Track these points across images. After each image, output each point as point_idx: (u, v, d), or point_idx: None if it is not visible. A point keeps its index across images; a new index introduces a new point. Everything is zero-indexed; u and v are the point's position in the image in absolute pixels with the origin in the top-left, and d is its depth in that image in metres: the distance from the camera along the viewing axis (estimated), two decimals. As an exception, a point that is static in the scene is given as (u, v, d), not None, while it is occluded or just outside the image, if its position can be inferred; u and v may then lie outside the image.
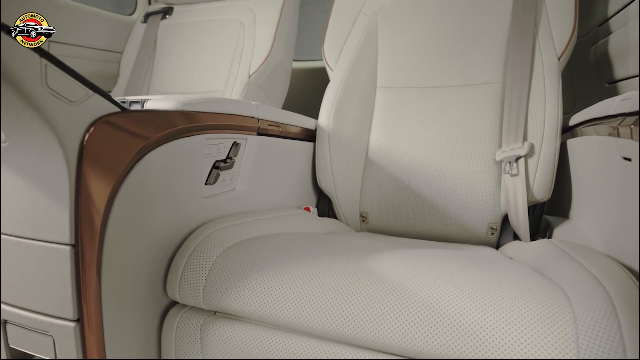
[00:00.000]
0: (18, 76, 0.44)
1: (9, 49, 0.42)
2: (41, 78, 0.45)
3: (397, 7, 1.17)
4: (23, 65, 0.44)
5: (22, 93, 0.45)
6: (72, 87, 0.49)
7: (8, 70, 0.43)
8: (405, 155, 1.06)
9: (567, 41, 0.98)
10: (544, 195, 0.93)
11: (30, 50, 0.44)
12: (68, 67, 0.48)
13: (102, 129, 0.52)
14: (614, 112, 0.60)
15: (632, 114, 0.53)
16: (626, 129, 0.52)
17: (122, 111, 0.55)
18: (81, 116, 0.50)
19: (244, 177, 0.85)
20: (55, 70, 0.46)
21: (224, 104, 0.76)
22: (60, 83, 0.47)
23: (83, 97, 0.50)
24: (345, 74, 1.15)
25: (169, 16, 1.53)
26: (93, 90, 0.51)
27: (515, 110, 0.96)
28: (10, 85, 0.44)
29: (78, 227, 0.52)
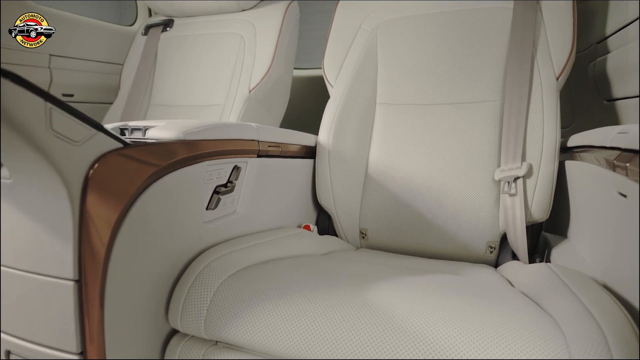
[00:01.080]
0: (23, 122, 0.44)
1: (14, 96, 0.43)
2: (46, 122, 0.46)
3: (396, 23, 1.18)
4: (28, 111, 0.44)
5: (26, 137, 0.45)
6: (76, 127, 0.49)
7: (13, 116, 0.43)
8: (404, 172, 1.07)
9: (565, 61, 0.99)
10: (542, 215, 0.94)
11: (35, 96, 0.45)
12: (72, 108, 0.49)
13: (105, 165, 0.53)
14: (610, 144, 0.61)
15: (627, 151, 0.53)
16: (622, 166, 0.52)
17: (124, 146, 0.56)
18: (84, 155, 0.51)
19: (244, 199, 0.86)
20: (60, 113, 0.47)
21: (226, 130, 0.77)
22: (64, 125, 0.48)
23: (86, 136, 0.51)
24: (345, 91, 1.16)
25: (169, 29, 1.54)
26: (96, 129, 0.52)
27: (514, 130, 0.97)
28: (15, 129, 0.44)
29: (82, 263, 0.53)
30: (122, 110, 1.44)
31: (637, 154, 0.49)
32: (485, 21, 1.09)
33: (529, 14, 1.05)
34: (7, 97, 0.43)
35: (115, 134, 0.55)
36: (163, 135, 0.68)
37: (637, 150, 0.49)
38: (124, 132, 0.74)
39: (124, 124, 0.75)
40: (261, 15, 1.41)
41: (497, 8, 1.10)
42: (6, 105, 0.43)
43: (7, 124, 0.44)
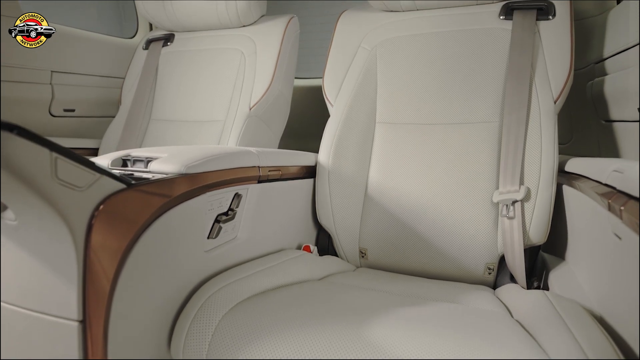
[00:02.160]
0: (29, 173, 0.45)
1: (20, 148, 0.44)
2: (51, 171, 0.47)
3: (396, 42, 1.19)
4: (34, 163, 0.45)
5: (32, 186, 0.46)
6: (80, 174, 0.50)
7: (19, 167, 0.44)
8: (403, 192, 1.08)
9: (562, 85, 1.00)
10: (540, 239, 0.95)
11: (41, 147, 0.46)
12: (77, 155, 0.50)
13: (108, 208, 0.54)
14: (606, 181, 0.62)
15: (622, 193, 0.54)
16: (617, 208, 0.53)
17: (127, 187, 0.57)
18: (88, 200, 0.52)
19: (245, 225, 0.87)
20: (65, 162, 0.48)
21: (227, 160, 0.78)
22: (69, 172, 0.49)
23: (91, 181, 0.52)
24: (345, 110, 1.17)
25: (170, 43, 1.55)
26: (100, 173, 0.53)
27: (512, 154, 0.97)
28: (21, 180, 0.45)
29: (86, 304, 0.54)
30: (122, 125, 1.45)
31: (633, 199, 0.50)
32: (485, 42, 1.10)
33: (527, 35, 1.06)
34: (13, 150, 0.44)
35: (118, 175, 0.56)
36: (165, 168, 0.69)
37: (633, 195, 0.50)
38: (126, 163, 0.75)
39: (127, 153, 0.76)
40: (261, 31, 1.42)
41: (496, 29, 1.10)
42: (12, 157, 0.44)
43: (12, 175, 0.45)
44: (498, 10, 1.13)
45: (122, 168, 0.73)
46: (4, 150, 0.43)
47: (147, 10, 1.51)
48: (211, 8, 1.42)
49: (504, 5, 1.13)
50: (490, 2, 1.15)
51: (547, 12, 1.08)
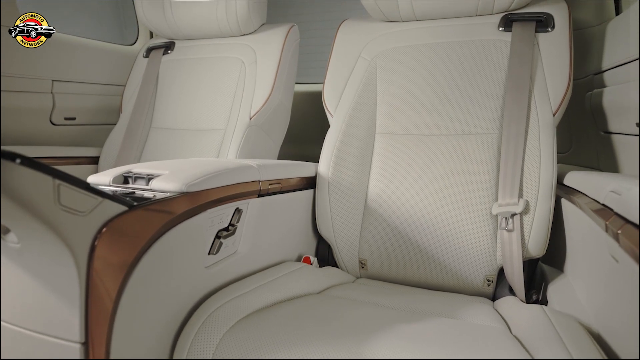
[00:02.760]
0: (32, 201, 0.46)
1: (24, 177, 0.44)
2: (54, 198, 0.47)
3: (396, 53, 1.19)
4: (38, 190, 0.46)
5: (35, 213, 0.47)
6: (83, 199, 0.51)
7: (23, 196, 0.45)
8: (403, 203, 1.08)
9: (561, 98, 1.01)
10: (539, 252, 0.95)
11: (44, 175, 0.46)
12: (79, 180, 0.50)
13: (110, 230, 0.55)
14: (603, 201, 0.63)
15: (619, 215, 0.55)
16: (614, 231, 0.54)
17: (129, 209, 0.57)
18: (91, 224, 0.52)
19: (245, 239, 0.87)
20: (67, 188, 0.48)
21: (228, 176, 0.78)
22: (72, 198, 0.49)
23: (93, 205, 0.52)
24: (345, 120, 1.17)
25: (170, 51, 1.55)
26: (102, 197, 0.53)
27: (511, 166, 0.98)
28: (24, 207, 0.46)
29: (88, 326, 0.54)
30: (123, 134, 1.45)
31: (630, 223, 0.50)
32: (484, 53, 1.10)
33: (526, 47, 1.06)
34: (17, 179, 0.44)
35: (119, 197, 0.56)
36: (166, 186, 0.69)
37: (630, 220, 0.50)
38: (127, 180, 0.75)
39: (128, 170, 0.76)
40: (262, 40, 1.42)
41: (495, 41, 1.11)
42: (15, 186, 0.44)
43: (15, 202, 0.46)
44: (497, 22, 1.13)
45: (123, 185, 0.73)
46: (7, 179, 0.43)
47: (148, 18, 1.52)
48: (211, 16, 1.43)
49: (503, 17, 1.13)
50: (490, 14, 1.16)
51: (546, 24, 1.08)
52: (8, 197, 0.45)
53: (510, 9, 1.14)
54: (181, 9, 1.45)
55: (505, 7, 1.13)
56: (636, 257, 0.45)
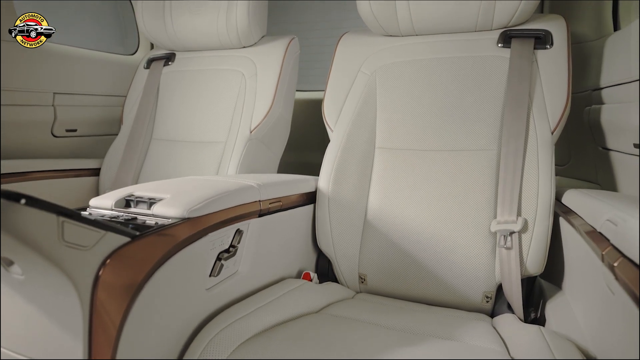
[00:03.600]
0: (37, 239, 0.47)
1: (28, 217, 0.45)
2: (58, 235, 0.48)
3: (396, 68, 1.20)
4: (42, 229, 0.47)
5: (38, 250, 0.48)
6: (86, 233, 0.51)
7: (27, 235, 0.46)
8: (402, 218, 1.09)
9: (560, 115, 1.01)
10: (537, 269, 0.96)
11: (48, 213, 0.47)
12: (83, 216, 0.51)
13: (114, 262, 0.55)
14: (600, 230, 0.63)
15: (615, 248, 0.56)
16: (610, 264, 0.54)
17: (132, 240, 0.58)
18: (94, 257, 0.53)
19: (246, 259, 0.88)
20: (71, 224, 0.49)
21: (229, 198, 0.79)
22: (75, 234, 0.50)
23: (96, 239, 0.53)
24: (345, 135, 1.18)
25: (171, 63, 1.56)
26: (105, 229, 0.54)
27: (510, 184, 0.99)
28: (28, 245, 0.47)
29: (91, 355, 0.55)
30: (124, 145, 1.46)
31: (626, 258, 0.51)
32: (483, 69, 1.11)
33: (525, 64, 1.07)
34: (21, 218, 0.45)
35: (122, 229, 0.57)
36: (168, 212, 0.70)
37: (627, 256, 0.51)
38: (129, 204, 0.76)
39: (130, 193, 0.77)
40: (262, 52, 1.43)
41: (494, 57, 1.12)
42: (19, 226, 0.45)
43: (20, 240, 0.46)
44: (496, 38, 1.14)
45: (125, 210, 0.74)
46: (11, 219, 0.44)
47: (148, 30, 1.52)
48: (212, 29, 1.43)
49: (502, 33, 1.14)
50: (489, 29, 1.16)
51: (544, 41, 1.09)
52: (12, 236, 0.46)
53: (509, 25, 1.14)
54: (181, 21, 1.46)
55: (504, 23, 1.13)
56: (635, 297, 0.46)
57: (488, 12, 1.12)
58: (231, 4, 1.39)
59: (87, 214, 0.71)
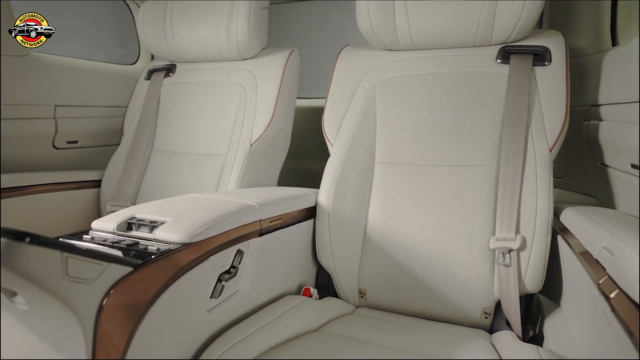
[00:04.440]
0: (40, 275, 0.47)
1: (32, 255, 0.46)
2: (62, 271, 0.49)
3: (395, 82, 1.21)
4: (46, 266, 0.47)
5: (42, 285, 0.48)
6: (89, 267, 0.52)
7: (31, 273, 0.46)
8: (402, 234, 1.10)
9: (558, 133, 1.02)
10: (535, 287, 0.97)
11: (52, 250, 0.47)
12: (86, 249, 0.52)
13: (117, 292, 0.56)
14: (596, 257, 0.64)
15: (611, 278, 0.56)
16: (606, 293, 0.55)
17: (134, 269, 0.59)
18: (97, 289, 0.54)
19: (246, 278, 0.89)
20: (75, 259, 0.50)
21: (230, 221, 0.80)
22: (79, 268, 0.51)
23: (100, 271, 0.54)
24: (345, 150, 1.18)
25: (172, 74, 1.56)
26: (108, 261, 0.55)
27: (509, 201, 0.99)
28: (33, 282, 0.47)
29: (94, 385, 0.56)
30: (125, 157, 1.47)
31: (622, 291, 0.52)
32: (482, 85, 1.12)
33: (523, 81, 1.07)
34: (26, 257, 0.46)
35: (125, 259, 0.58)
36: (169, 237, 0.71)
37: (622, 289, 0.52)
38: (131, 226, 0.77)
39: (132, 215, 0.78)
40: (262, 65, 1.43)
41: (493, 73, 1.12)
42: (24, 264, 0.46)
43: (24, 276, 0.47)
44: (495, 53, 1.14)
45: (127, 233, 0.75)
46: (16, 258, 0.45)
47: (149, 42, 1.53)
48: (212, 41, 1.44)
49: (501, 49, 1.15)
50: (488, 45, 1.17)
51: (543, 58, 1.10)
52: (16, 273, 0.46)
53: (508, 41, 1.15)
54: (182, 33, 1.47)
55: (503, 39, 1.14)
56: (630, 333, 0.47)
57: (487, 28, 1.13)
58: (231, 17, 1.40)
59: (90, 238, 0.72)
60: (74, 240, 0.70)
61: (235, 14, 1.40)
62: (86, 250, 0.52)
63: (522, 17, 1.09)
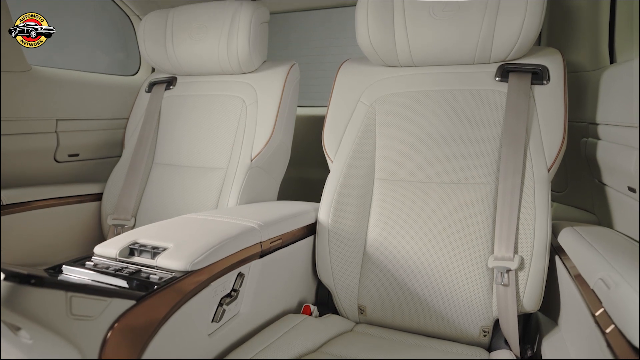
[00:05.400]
0: (44, 315, 0.48)
1: (37, 297, 0.47)
2: (66, 310, 0.50)
3: (395, 99, 1.21)
4: (50, 306, 0.48)
5: (47, 326, 0.49)
6: (93, 304, 0.53)
7: (36, 315, 0.47)
8: (401, 250, 1.11)
9: (556, 153, 1.03)
10: (533, 307, 0.98)
11: (57, 290, 0.48)
12: (90, 286, 0.52)
13: (120, 326, 0.57)
14: (592, 287, 0.65)
15: (607, 312, 0.57)
16: (602, 327, 0.56)
17: (137, 302, 0.59)
18: (101, 325, 0.55)
19: (247, 300, 0.89)
20: (79, 297, 0.51)
21: (230, 245, 0.80)
22: (83, 306, 0.51)
23: (103, 307, 0.54)
24: (345, 166, 1.19)
25: (172, 87, 1.57)
26: (111, 296, 0.56)
27: (507, 221, 1.00)
28: (37, 322, 0.48)
29: (98, 418, 0.56)
30: (126, 170, 1.47)
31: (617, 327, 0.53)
32: (481, 103, 1.12)
33: (522, 100, 1.08)
34: (30, 299, 0.46)
35: (127, 292, 0.59)
36: (171, 265, 0.71)
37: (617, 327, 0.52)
38: (133, 252, 0.78)
39: (134, 241, 0.79)
40: (263, 79, 1.44)
41: (492, 91, 1.13)
42: (29, 304, 0.46)
43: (29, 317, 0.48)
44: (494, 71, 1.15)
45: (129, 260, 0.75)
46: (20, 300, 0.46)
47: (150, 55, 1.54)
48: (212, 55, 1.45)
49: (499, 67, 1.15)
50: (487, 62, 1.18)
51: (541, 76, 1.10)
52: (21, 314, 0.47)
53: (506, 60, 1.16)
54: (183, 47, 1.47)
55: (502, 57, 1.15)
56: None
57: (486, 47, 1.13)
58: (232, 31, 1.40)
59: (92, 265, 0.73)
60: (77, 267, 0.71)
61: (235, 28, 1.40)
62: (90, 287, 0.53)
63: (520, 36, 1.09)
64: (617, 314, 0.54)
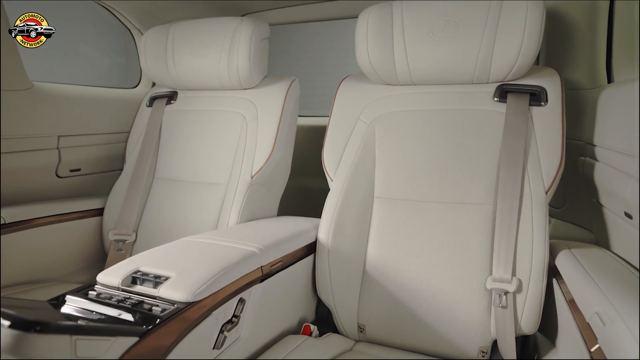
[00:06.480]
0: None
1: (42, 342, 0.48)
2: (72, 353, 0.51)
3: (395, 117, 1.22)
4: (55, 351, 0.49)
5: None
6: (97, 345, 0.54)
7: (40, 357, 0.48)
8: (401, 269, 1.12)
9: (554, 176, 1.04)
10: (531, 329, 0.99)
11: (62, 335, 0.49)
12: (95, 327, 0.53)
13: (123, 363, 0.58)
14: (588, 320, 0.66)
15: (601, 350, 0.58)
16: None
17: (140, 338, 0.60)
18: (105, 364, 0.56)
19: (248, 324, 0.90)
20: (83, 340, 0.52)
21: (232, 273, 0.81)
22: (88, 348, 0.52)
23: (107, 346, 0.55)
24: (345, 185, 1.20)
25: (173, 101, 1.58)
26: (115, 335, 0.56)
27: (505, 243, 1.01)
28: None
29: None
30: (127, 184, 1.48)
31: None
32: (480, 123, 1.13)
33: (520, 121, 1.09)
34: (35, 346, 0.47)
35: (130, 329, 0.60)
36: (173, 296, 0.72)
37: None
38: (135, 281, 0.78)
39: (136, 269, 0.80)
40: (263, 95, 1.45)
41: (491, 111, 1.14)
42: (35, 351, 0.47)
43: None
44: (493, 91, 1.16)
45: (131, 290, 0.76)
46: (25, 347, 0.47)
47: (150, 70, 1.55)
48: (213, 71, 1.45)
49: (498, 87, 1.16)
50: (485, 82, 1.19)
51: (539, 98, 1.11)
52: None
53: (505, 80, 1.17)
54: (183, 62, 1.48)
55: (501, 77, 1.16)
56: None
57: (485, 67, 1.14)
58: (232, 48, 1.41)
59: (95, 295, 0.73)
60: (80, 298, 0.72)
61: (236, 45, 1.41)
62: (93, 328, 0.54)
63: (519, 57, 1.10)
64: (613, 353, 0.55)
